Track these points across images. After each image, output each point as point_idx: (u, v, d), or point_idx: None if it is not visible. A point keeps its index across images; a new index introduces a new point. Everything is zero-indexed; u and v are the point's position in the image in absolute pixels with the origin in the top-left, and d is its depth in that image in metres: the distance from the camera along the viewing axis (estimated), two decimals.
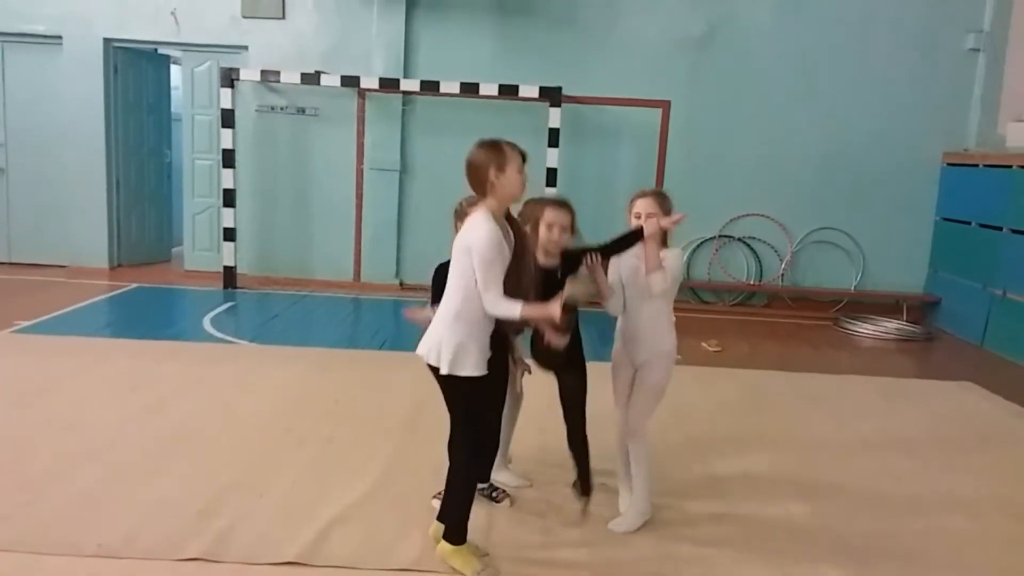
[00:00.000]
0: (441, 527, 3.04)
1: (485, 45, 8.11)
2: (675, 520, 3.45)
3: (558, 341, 2.98)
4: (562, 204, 3.28)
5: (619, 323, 3.40)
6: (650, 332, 3.32)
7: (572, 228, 3.27)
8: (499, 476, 3.62)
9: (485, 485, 3.51)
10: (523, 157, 2.91)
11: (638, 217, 3.25)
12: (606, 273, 3.29)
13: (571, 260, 3.25)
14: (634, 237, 3.25)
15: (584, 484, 3.41)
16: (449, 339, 2.84)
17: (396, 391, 4.91)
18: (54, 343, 5.69)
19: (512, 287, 2.82)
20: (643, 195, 3.30)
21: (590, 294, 3.03)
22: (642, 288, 3.24)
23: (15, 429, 4.08)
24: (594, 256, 3.26)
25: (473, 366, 2.86)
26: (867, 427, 4.81)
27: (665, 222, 3.25)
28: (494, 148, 2.87)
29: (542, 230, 3.22)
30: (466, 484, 3.00)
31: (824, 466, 4.16)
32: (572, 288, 2.87)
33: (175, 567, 2.88)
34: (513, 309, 2.77)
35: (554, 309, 2.75)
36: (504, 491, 3.56)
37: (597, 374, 3.40)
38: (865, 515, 3.61)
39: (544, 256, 3.23)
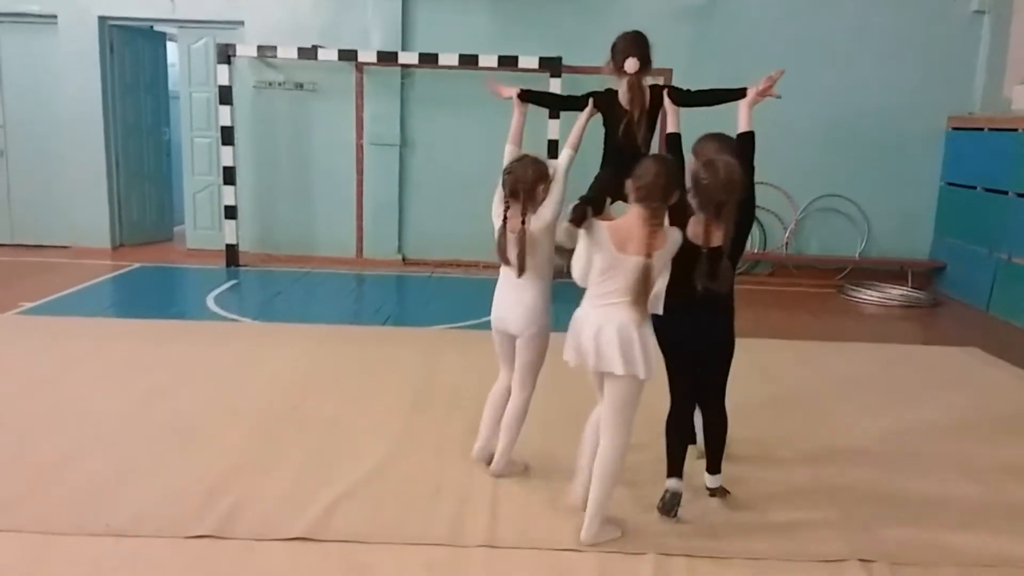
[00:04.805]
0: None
1: (483, 16, 8.00)
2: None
3: None
4: None
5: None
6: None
7: None
8: None
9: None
10: None
11: None
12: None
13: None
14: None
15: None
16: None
17: (400, 367, 4.91)
18: (59, 324, 5.69)
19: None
20: None
21: None
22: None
23: (23, 413, 4.08)
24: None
25: None
26: (872, 395, 4.80)
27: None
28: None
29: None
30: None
31: (828, 433, 4.16)
32: None
33: (183, 544, 2.89)
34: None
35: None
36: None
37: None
38: (871, 482, 3.60)
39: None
